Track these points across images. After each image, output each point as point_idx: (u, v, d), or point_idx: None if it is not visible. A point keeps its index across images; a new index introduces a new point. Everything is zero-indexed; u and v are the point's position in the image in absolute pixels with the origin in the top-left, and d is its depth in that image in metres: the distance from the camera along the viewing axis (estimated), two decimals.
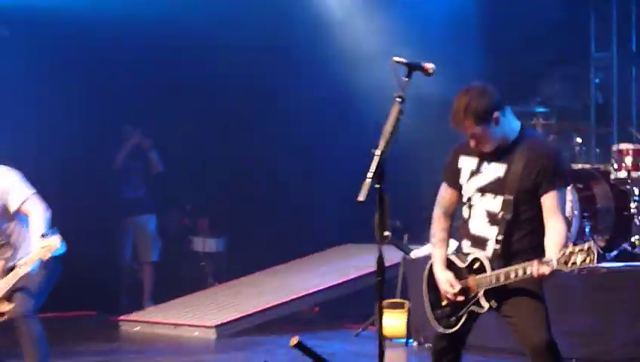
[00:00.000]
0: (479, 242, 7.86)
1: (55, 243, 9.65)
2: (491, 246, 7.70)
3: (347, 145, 9.63)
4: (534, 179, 7.62)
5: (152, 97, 16.10)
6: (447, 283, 7.72)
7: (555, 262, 7.23)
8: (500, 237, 7.70)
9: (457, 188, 8.02)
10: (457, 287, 7.68)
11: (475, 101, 7.63)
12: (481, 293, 7.65)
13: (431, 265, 7.92)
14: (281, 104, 16.38)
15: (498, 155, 7.74)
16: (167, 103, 16.04)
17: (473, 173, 7.90)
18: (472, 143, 7.70)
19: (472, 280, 7.69)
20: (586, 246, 7.03)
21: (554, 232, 7.52)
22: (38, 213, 9.91)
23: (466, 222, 7.97)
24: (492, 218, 7.81)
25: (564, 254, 7.19)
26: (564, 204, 7.78)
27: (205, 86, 15.98)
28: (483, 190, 7.89)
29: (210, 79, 15.80)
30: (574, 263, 7.08)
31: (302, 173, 16.14)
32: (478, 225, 7.95)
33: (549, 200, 7.63)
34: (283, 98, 16.28)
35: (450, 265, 7.86)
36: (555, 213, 7.59)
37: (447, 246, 7.98)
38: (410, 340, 12.84)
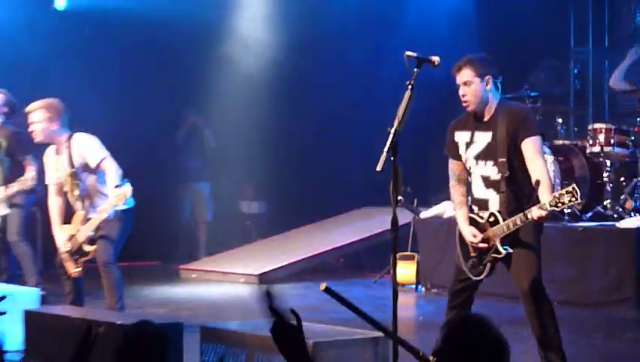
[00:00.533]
0: (482, 204, 7.94)
1: (127, 192, 9.76)
2: (494, 204, 7.72)
3: (369, 122, 9.54)
4: (513, 135, 7.71)
5: (207, 85, 15.95)
6: (471, 234, 7.80)
7: (548, 206, 7.36)
8: (501, 193, 7.78)
9: (459, 158, 8.08)
10: (479, 237, 7.77)
11: (479, 57, 7.98)
12: (497, 241, 7.73)
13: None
14: (314, 87, 16.32)
15: (484, 125, 7.85)
16: (220, 89, 15.85)
17: (468, 144, 8.02)
18: (462, 93, 7.84)
19: (490, 231, 7.79)
20: (570, 188, 7.27)
21: (540, 176, 7.60)
22: (112, 169, 9.98)
23: (469, 188, 8.01)
24: (487, 182, 7.88)
25: (554, 197, 7.34)
26: (542, 149, 7.92)
27: (247, 75, 15.87)
28: (478, 157, 8.00)
29: (250, 69, 15.78)
30: (563, 203, 7.30)
31: (330, 147, 16.18)
32: (478, 189, 8.03)
33: (526, 146, 7.73)
34: (316, 82, 16.18)
35: (472, 222, 7.90)
36: (536, 156, 7.74)
37: (467, 206, 8.04)
38: (419, 286, 12.83)
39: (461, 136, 7.99)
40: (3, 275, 12.05)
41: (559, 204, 7.39)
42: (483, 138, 7.85)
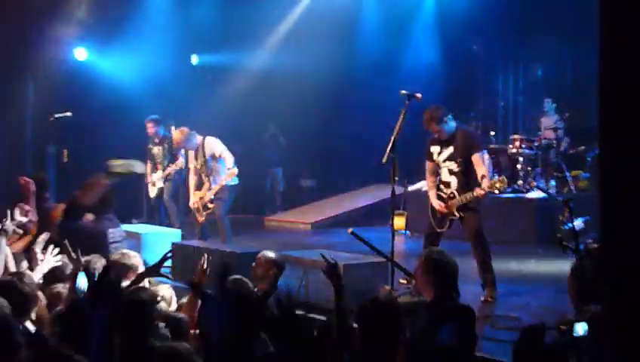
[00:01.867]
0: (446, 184, 7.99)
1: (235, 172, 10.02)
2: (454, 186, 7.76)
3: (381, 129, 9.56)
4: (466, 148, 7.83)
5: (280, 106, 15.87)
6: (438, 204, 7.99)
7: (486, 187, 7.59)
8: (459, 180, 7.92)
9: (432, 160, 8.09)
10: (443, 205, 7.95)
11: (435, 111, 7.93)
12: (454, 209, 7.78)
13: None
14: (346, 107, 16.17)
15: (447, 142, 7.90)
16: (288, 110, 15.79)
17: (439, 153, 8.03)
18: (436, 134, 8.01)
19: (450, 202, 7.94)
20: (501, 178, 7.64)
21: (484, 173, 7.76)
22: (230, 159, 10.23)
23: (439, 176, 8.09)
24: (451, 172, 7.91)
25: (491, 183, 7.56)
26: (485, 159, 7.99)
27: (305, 98, 15.55)
28: (446, 160, 7.96)
29: (306, 95, 15.52)
30: (497, 187, 7.57)
31: (355, 145, 16.00)
32: (444, 176, 8.04)
33: (475, 158, 7.90)
34: (347, 103, 16.09)
35: (439, 196, 8.04)
36: (479, 163, 7.85)
37: (436, 187, 8.15)
38: (407, 231, 12.81)
39: (434, 148, 8.12)
40: (158, 221, 12.17)
41: (494, 188, 7.53)
42: (447, 150, 7.98)
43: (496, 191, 7.96)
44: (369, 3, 15.73)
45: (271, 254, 6.74)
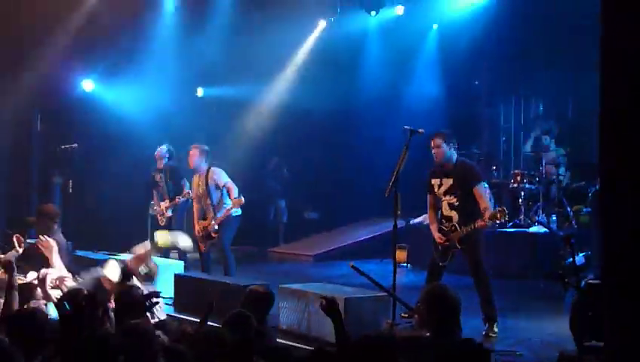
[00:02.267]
0: (447, 219, 7.97)
1: (241, 201, 10.01)
2: (455, 219, 7.78)
3: (382, 164, 9.58)
4: (466, 181, 7.78)
5: (284, 139, 15.91)
6: (439, 238, 7.99)
7: (487, 219, 7.60)
8: (459, 213, 7.88)
9: (433, 193, 8.08)
10: (444, 238, 7.96)
11: (445, 132, 8.11)
12: (456, 241, 7.76)
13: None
14: (348, 146, 16.17)
15: (447, 174, 7.91)
16: (292, 143, 15.84)
17: (439, 186, 8.03)
18: (434, 152, 8.02)
19: (451, 235, 7.92)
20: (501, 208, 7.64)
21: (483, 205, 7.78)
22: (235, 189, 10.21)
23: (440, 210, 8.07)
24: (451, 206, 7.90)
25: (492, 214, 7.56)
26: (486, 190, 8.03)
27: (305, 119, 15.68)
28: (445, 193, 8.00)
29: (308, 114, 15.62)
30: (497, 218, 7.57)
31: (357, 179, 15.88)
32: (445, 210, 8.01)
33: (476, 190, 7.89)
34: (350, 141, 16.05)
35: (440, 230, 8.03)
36: (481, 196, 7.90)
37: (437, 220, 8.17)
38: (409, 265, 12.79)
39: (435, 181, 8.12)
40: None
41: (495, 219, 7.53)
42: (447, 182, 7.98)
43: (497, 222, 7.99)
44: (372, 39, 15.77)
45: (259, 288, 6.61)
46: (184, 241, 10.96)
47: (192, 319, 7.70)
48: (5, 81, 13.96)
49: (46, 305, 6.11)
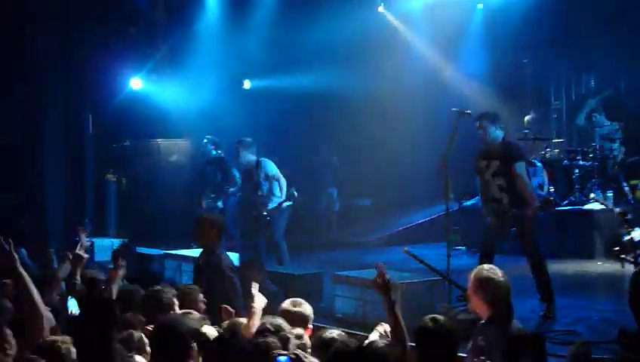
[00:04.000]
0: (498, 201, 7.95)
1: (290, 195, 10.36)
2: (506, 201, 7.76)
3: (434, 147, 9.50)
4: (510, 160, 7.87)
5: (333, 129, 15.84)
6: (491, 219, 8.06)
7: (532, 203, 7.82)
8: (509, 195, 7.89)
9: (482, 175, 8.12)
10: (496, 220, 8.03)
11: (491, 113, 8.12)
12: (507, 223, 7.96)
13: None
14: (400, 136, 15.84)
15: (493, 156, 7.88)
16: (342, 131, 15.80)
17: (487, 167, 7.99)
18: (480, 133, 7.98)
19: (503, 217, 7.99)
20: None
21: (519, 185, 7.83)
22: (283, 181, 10.34)
23: (491, 192, 8.04)
24: (500, 188, 7.89)
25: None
26: (524, 170, 7.96)
27: (353, 106, 15.55)
28: (494, 175, 8.00)
29: (356, 101, 15.50)
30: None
31: (408, 163, 15.65)
32: (495, 193, 8.00)
33: (514, 169, 7.86)
34: (402, 130, 15.80)
35: (492, 211, 8.06)
36: (519, 176, 7.85)
37: (488, 201, 8.16)
38: (463, 247, 12.72)
39: (482, 163, 8.06)
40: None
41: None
42: (494, 164, 7.92)
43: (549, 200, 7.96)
44: (418, 19, 15.68)
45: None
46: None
47: None
48: (57, 85, 14.24)
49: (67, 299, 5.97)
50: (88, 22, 14.39)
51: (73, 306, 5.75)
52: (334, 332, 4.75)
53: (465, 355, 5.02)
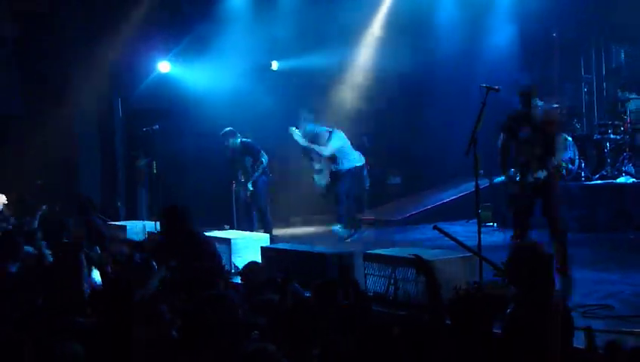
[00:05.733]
0: (525, 165, 7.92)
1: None
2: (534, 166, 7.87)
3: (463, 123, 9.45)
4: (545, 127, 7.98)
5: (361, 104, 15.76)
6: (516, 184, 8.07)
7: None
8: (538, 159, 7.92)
9: (513, 137, 8.17)
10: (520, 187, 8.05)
11: (530, 84, 8.44)
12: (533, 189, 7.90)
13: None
14: (429, 109, 15.90)
15: (528, 120, 7.99)
16: (373, 112, 15.75)
17: (518, 130, 8.03)
18: (521, 100, 8.09)
19: (528, 184, 7.97)
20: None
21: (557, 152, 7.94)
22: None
23: (521, 156, 7.98)
24: (529, 152, 7.86)
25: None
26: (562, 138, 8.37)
27: (382, 85, 15.52)
28: (525, 140, 8.05)
29: (384, 80, 15.46)
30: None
31: (436, 142, 15.61)
32: (524, 156, 8.03)
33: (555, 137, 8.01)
34: (431, 103, 15.82)
35: (521, 175, 8.07)
36: (555, 142, 7.91)
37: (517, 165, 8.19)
38: (495, 224, 12.70)
39: (513, 125, 8.15)
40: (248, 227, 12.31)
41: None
42: (527, 128, 7.98)
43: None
44: None
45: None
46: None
47: None
48: (86, 70, 14.38)
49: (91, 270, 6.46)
50: (116, 6, 14.49)
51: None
52: None
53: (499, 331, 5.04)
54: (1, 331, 4.75)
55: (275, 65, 16.31)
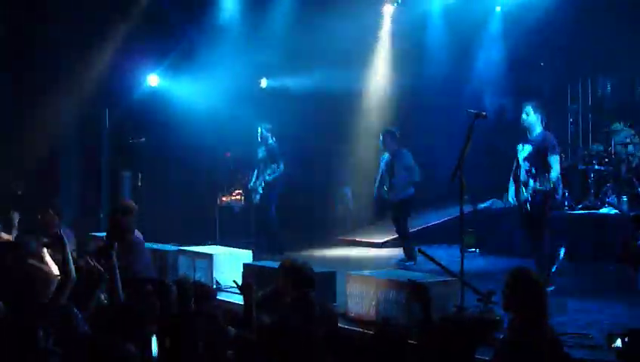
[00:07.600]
0: (525, 185, 8.25)
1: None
2: (531, 186, 8.47)
3: (451, 147, 9.50)
4: (543, 150, 8.58)
5: (350, 128, 15.79)
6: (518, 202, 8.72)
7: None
8: (535, 180, 8.45)
9: (517, 158, 8.86)
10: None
11: (535, 103, 8.86)
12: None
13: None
14: (416, 132, 15.82)
15: (529, 141, 8.66)
16: (359, 131, 15.83)
17: (520, 151, 8.49)
18: (522, 118, 8.82)
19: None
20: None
21: (554, 175, 8.46)
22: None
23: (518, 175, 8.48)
24: (527, 173, 8.25)
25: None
26: (558, 163, 8.59)
27: (369, 107, 15.62)
28: (525, 159, 8.43)
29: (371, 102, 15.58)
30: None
31: (428, 162, 15.60)
32: (523, 176, 8.38)
33: (550, 159, 8.56)
34: (418, 128, 15.75)
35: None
36: (552, 165, 8.45)
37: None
38: (477, 249, 12.72)
39: (519, 146, 8.90)
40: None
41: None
42: (526, 148, 8.43)
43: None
44: (435, 21, 15.71)
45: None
46: None
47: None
48: (72, 80, 14.36)
49: None
50: (105, 18, 14.50)
51: None
52: None
53: (486, 358, 5.05)
54: None
55: (264, 82, 16.37)
